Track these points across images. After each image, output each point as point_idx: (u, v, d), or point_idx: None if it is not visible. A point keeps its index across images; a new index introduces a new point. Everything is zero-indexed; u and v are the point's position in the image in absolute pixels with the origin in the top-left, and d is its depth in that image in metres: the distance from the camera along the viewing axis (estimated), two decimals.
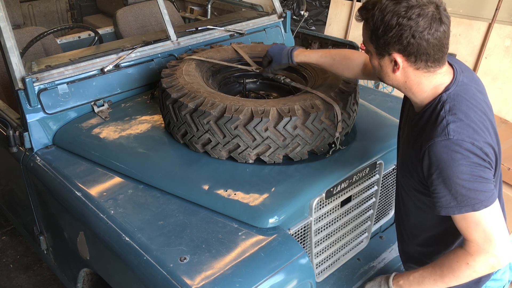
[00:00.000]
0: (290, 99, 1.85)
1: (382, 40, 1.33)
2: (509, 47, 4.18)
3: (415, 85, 1.40)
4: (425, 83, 1.39)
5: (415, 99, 1.45)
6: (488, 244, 1.33)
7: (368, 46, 1.42)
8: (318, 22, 5.91)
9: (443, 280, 1.44)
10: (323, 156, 1.88)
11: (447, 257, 1.44)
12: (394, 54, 1.34)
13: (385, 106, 2.44)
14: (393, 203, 2.27)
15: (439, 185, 1.34)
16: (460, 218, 1.36)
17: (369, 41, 1.40)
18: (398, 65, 1.36)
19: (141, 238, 1.57)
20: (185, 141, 1.91)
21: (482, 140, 1.32)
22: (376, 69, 1.45)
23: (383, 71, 1.43)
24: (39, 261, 3.09)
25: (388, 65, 1.39)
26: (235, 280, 1.41)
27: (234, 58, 2.29)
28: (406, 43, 1.30)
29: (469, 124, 1.32)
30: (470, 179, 1.30)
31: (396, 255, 2.21)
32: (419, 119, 1.43)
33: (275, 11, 3.05)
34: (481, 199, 1.31)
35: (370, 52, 1.43)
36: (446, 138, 1.31)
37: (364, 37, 1.42)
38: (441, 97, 1.38)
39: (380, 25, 1.32)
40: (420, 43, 1.29)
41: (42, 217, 2.22)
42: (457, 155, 1.29)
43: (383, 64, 1.41)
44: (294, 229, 1.73)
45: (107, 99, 2.29)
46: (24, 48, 2.72)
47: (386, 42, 1.33)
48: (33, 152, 2.09)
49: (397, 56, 1.34)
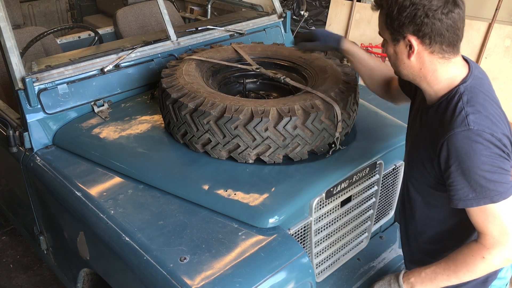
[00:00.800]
0: (290, 99, 1.85)
1: (397, 22, 1.34)
2: (509, 47, 4.18)
3: (430, 72, 1.39)
4: (440, 72, 1.39)
5: (429, 89, 1.43)
6: (505, 237, 1.33)
7: (384, 34, 1.43)
8: (318, 22, 5.92)
9: (457, 275, 1.42)
10: (323, 156, 1.88)
11: (461, 251, 1.42)
12: (408, 36, 1.34)
13: (385, 106, 2.44)
14: (393, 203, 2.27)
15: (458, 177, 1.33)
16: (477, 211, 1.34)
17: (385, 27, 1.40)
18: (413, 48, 1.36)
19: (141, 238, 1.57)
20: (185, 141, 1.91)
21: (500, 131, 1.32)
22: (391, 58, 1.45)
23: (398, 58, 1.42)
24: (39, 261, 3.09)
25: (403, 50, 1.39)
26: (235, 280, 1.42)
27: (234, 58, 2.30)
28: (419, 22, 1.30)
29: (487, 116, 1.32)
30: (490, 170, 1.29)
31: (396, 255, 2.22)
32: (435, 111, 1.42)
33: (275, 11, 3.05)
34: (500, 191, 1.30)
35: (386, 41, 1.44)
36: (466, 129, 1.30)
37: (380, 25, 1.43)
38: (458, 89, 1.37)
39: (394, 6, 1.33)
40: (434, 22, 1.30)
41: (42, 217, 2.22)
42: (478, 146, 1.29)
43: (398, 51, 1.40)
44: (294, 229, 1.73)
45: (107, 99, 2.29)
46: (24, 48, 2.72)
47: (401, 23, 1.33)
48: (33, 152, 2.09)
49: (412, 38, 1.34)
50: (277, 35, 3.00)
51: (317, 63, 2.18)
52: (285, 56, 2.31)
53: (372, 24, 5.17)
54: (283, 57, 2.31)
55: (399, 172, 2.18)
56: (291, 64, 2.26)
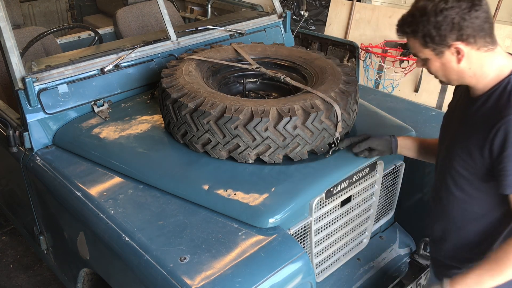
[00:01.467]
0: (290, 99, 1.85)
1: (437, 38, 1.37)
2: (509, 47, 4.18)
3: (479, 68, 1.42)
4: (488, 64, 1.42)
5: (478, 84, 1.46)
6: None
7: (424, 54, 1.44)
8: (318, 22, 5.92)
9: (503, 274, 1.42)
10: (323, 156, 1.88)
11: (504, 250, 1.42)
12: (454, 44, 1.37)
13: (385, 106, 2.45)
14: (393, 203, 2.27)
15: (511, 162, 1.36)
16: None
17: (424, 47, 1.42)
18: (462, 53, 1.38)
19: (141, 238, 1.57)
20: (185, 141, 1.91)
21: None
22: (439, 72, 1.47)
23: (447, 68, 1.44)
24: (39, 261, 3.09)
25: (451, 58, 1.41)
26: (235, 280, 1.41)
27: (234, 58, 2.29)
28: (460, 27, 1.34)
29: None
30: None
31: (396, 255, 2.22)
32: (484, 102, 1.45)
33: (275, 11, 3.05)
34: None
35: (428, 59, 1.45)
36: None
37: (416, 48, 1.44)
38: (510, 79, 1.41)
39: (429, 26, 1.36)
40: (473, 21, 1.33)
41: (42, 217, 2.22)
42: None
43: (445, 61, 1.42)
44: (294, 229, 1.73)
45: (107, 99, 2.29)
46: (24, 48, 2.72)
47: (442, 37, 1.36)
48: (33, 152, 2.09)
49: (458, 44, 1.37)
50: (277, 35, 3.00)
51: (317, 63, 2.18)
52: (285, 56, 2.31)
53: (372, 24, 5.17)
54: (283, 57, 2.31)
55: (399, 172, 2.19)
56: (291, 64, 2.26)
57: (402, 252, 2.24)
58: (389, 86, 4.73)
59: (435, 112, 2.50)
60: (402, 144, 1.87)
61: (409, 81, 4.89)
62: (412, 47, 1.46)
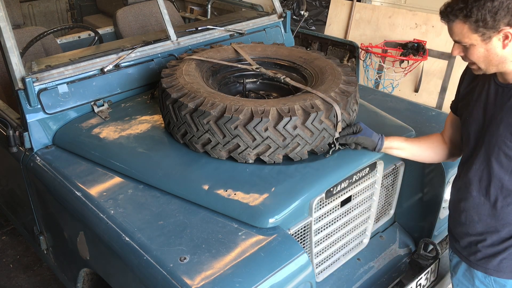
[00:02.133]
0: (290, 99, 1.85)
1: (491, 23, 1.38)
2: None
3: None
4: None
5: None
6: None
7: (470, 40, 1.45)
8: (318, 22, 5.92)
9: None
10: (323, 156, 1.88)
11: None
12: (503, 29, 1.40)
13: (385, 106, 2.45)
14: (393, 202, 2.27)
15: None
16: None
17: (474, 33, 1.43)
18: (510, 37, 1.41)
19: (141, 238, 1.57)
20: (185, 141, 1.91)
21: None
22: (481, 59, 1.48)
23: (490, 54, 1.46)
24: (39, 261, 3.09)
25: (497, 44, 1.43)
26: (235, 280, 1.42)
27: (234, 58, 2.30)
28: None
29: None
30: None
31: (396, 255, 2.22)
32: None
33: (275, 11, 3.05)
34: None
35: (472, 45, 1.46)
36: None
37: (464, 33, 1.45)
38: None
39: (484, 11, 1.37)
40: None
41: (42, 217, 2.22)
42: None
43: (491, 47, 1.44)
44: (294, 229, 1.73)
45: (107, 99, 2.29)
46: (24, 48, 2.72)
47: (496, 21, 1.38)
48: (33, 152, 2.09)
49: (507, 28, 1.39)
50: (277, 35, 3.00)
51: (317, 63, 2.18)
52: (285, 56, 2.31)
53: (372, 24, 5.16)
54: (283, 57, 2.31)
55: (399, 172, 2.18)
56: (291, 64, 2.26)
57: (402, 252, 2.24)
58: (389, 86, 4.73)
59: (435, 112, 2.50)
60: (392, 144, 1.86)
61: (409, 81, 4.89)
62: (457, 33, 1.46)
